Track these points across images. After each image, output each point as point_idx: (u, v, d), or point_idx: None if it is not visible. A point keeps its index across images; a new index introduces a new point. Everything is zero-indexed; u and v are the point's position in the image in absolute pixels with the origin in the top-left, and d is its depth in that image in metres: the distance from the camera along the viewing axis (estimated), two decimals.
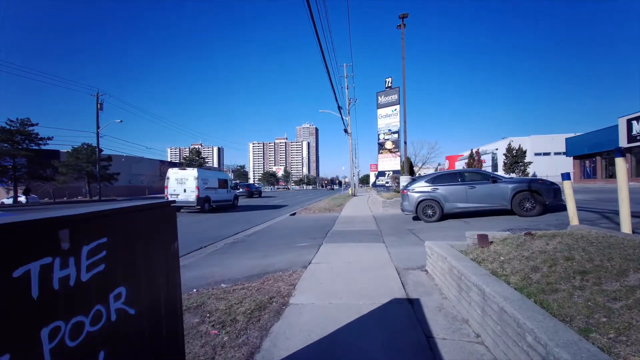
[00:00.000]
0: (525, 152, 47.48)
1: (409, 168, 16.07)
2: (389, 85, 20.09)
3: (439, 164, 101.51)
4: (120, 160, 58.76)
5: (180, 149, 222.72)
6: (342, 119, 25.96)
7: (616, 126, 29.71)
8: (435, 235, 6.77)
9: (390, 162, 20.68)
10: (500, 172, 59.60)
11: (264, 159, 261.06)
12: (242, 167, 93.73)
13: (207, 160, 74.48)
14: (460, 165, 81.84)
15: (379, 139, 21.30)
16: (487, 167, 63.96)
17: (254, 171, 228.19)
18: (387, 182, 21.40)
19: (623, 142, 28.84)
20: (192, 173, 15.19)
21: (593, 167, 35.17)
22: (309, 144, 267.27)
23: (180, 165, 64.73)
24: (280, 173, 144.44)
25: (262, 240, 7.56)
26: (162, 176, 59.21)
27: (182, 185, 15.07)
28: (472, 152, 55.50)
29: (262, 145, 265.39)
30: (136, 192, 53.68)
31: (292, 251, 6.02)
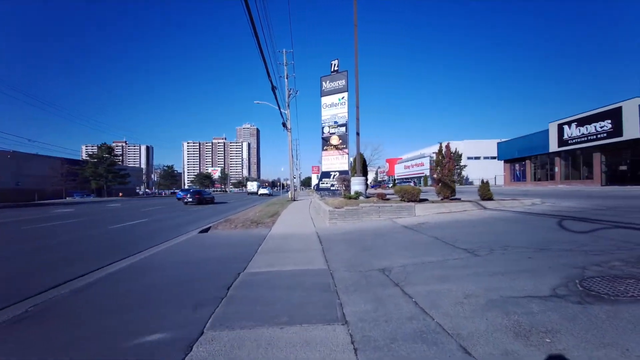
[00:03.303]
0: (460, 155, 49.11)
1: (362, 167, 12.89)
2: (335, 68, 16.80)
3: (379, 167, 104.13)
4: (5, 158, 46.71)
5: (98, 147, 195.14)
6: (281, 112, 22.07)
7: (546, 131, 31.01)
8: (434, 295, 3.33)
9: (336, 161, 17.39)
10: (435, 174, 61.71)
11: (200, 159, 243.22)
12: (171, 167, 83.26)
13: (119, 159, 63.83)
14: (399, 168, 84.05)
15: (322, 133, 17.87)
16: (425, 169, 65.94)
17: (188, 173, 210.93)
18: (332, 185, 18.09)
19: (554, 147, 30.13)
20: None
21: (523, 170, 36.87)
22: (249, 144, 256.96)
23: (84, 163, 53.81)
24: (216, 175, 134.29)
25: (59, 325, 3.28)
26: (65, 177, 48.45)
27: None
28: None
29: (198, 145, 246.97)
30: (20, 197, 42.46)
31: None
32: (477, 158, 57.43)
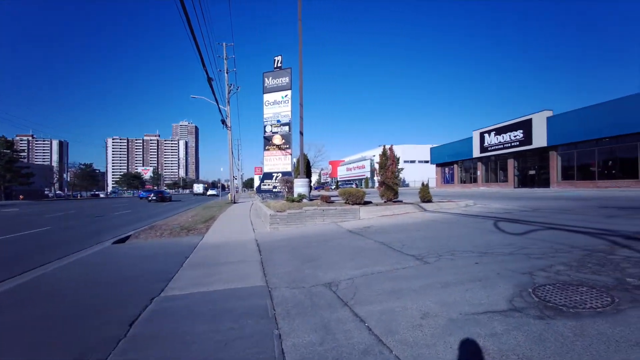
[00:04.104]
0: (398, 159, 52.10)
1: (305, 168, 12.39)
2: (279, 65, 16.07)
3: (322, 169, 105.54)
4: None
5: None
6: (219, 108, 20.53)
7: (471, 138, 34.29)
8: (389, 316, 2.92)
9: (279, 162, 16.65)
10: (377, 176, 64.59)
11: (129, 158, 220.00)
12: (89, 165, 73.22)
13: (22, 156, 54.32)
14: (342, 170, 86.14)
15: (265, 131, 16.98)
16: (366, 171, 68.52)
17: (113, 172, 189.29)
18: (274, 187, 17.30)
19: (477, 153, 33.43)
20: None
21: (451, 173, 40.33)
22: (186, 143, 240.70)
23: None
24: (147, 175, 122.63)
25: None
26: None
27: None
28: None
29: (126, 141, 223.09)
30: None
31: None
32: (413, 162, 61.53)
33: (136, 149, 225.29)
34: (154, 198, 33.59)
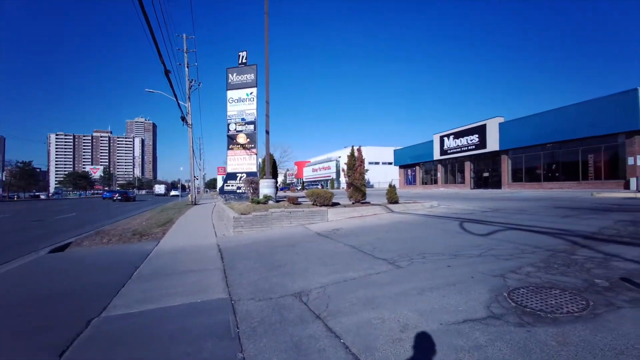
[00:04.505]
0: (363, 160, 53.10)
1: (272, 169, 11.94)
2: (244, 60, 15.42)
3: (287, 170, 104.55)
4: None
5: None
6: (179, 103, 19.27)
7: (432, 141, 35.78)
8: (366, 330, 2.70)
9: (244, 161, 15.98)
10: (342, 177, 65.27)
11: (75, 155, 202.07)
12: (28, 163, 65.95)
13: None
14: (308, 171, 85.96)
15: (228, 130, 16.22)
16: (332, 172, 68.99)
17: (56, 171, 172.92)
18: (238, 188, 16.61)
19: (437, 155, 34.93)
20: None
21: (413, 175, 41.83)
22: (143, 141, 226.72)
23: None
24: (97, 174, 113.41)
25: None
26: None
27: None
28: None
29: (72, 138, 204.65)
30: None
31: None
32: (377, 163, 63.04)
33: (84, 146, 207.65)
34: (119, 198, 37.25)
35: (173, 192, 67.34)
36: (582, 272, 3.41)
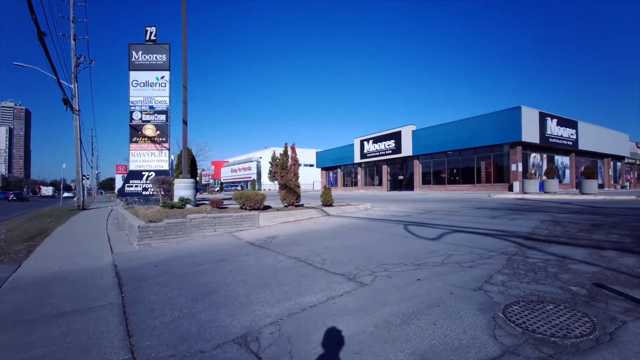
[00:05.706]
0: (298, 160, 52.42)
1: (190, 167, 10.15)
2: (153, 37, 12.95)
3: (203, 169, 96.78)
4: None
5: None
6: (59, 81, 15.25)
7: (352, 145, 37.23)
8: None
9: (152, 158, 13.46)
10: (265, 178, 63.33)
11: None
12: None
13: None
14: (226, 171, 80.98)
15: (131, 119, 13.47)
16: (252, 173, 66.31)
17: None
18: (145, 189, 13.98)
19: (357, 158, 36.46)
20: None
21: (335, 177, 42.94)
22: (11, 130, 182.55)
23: None
24: None
25: None
26: None
27: None
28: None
29: None
30: None
31: None
32: (300, 165, 63.16)
33: None
34: (14, 198, 40.74)
35: (66, 194, 55.32)
36: (552, 279, 3.24)
